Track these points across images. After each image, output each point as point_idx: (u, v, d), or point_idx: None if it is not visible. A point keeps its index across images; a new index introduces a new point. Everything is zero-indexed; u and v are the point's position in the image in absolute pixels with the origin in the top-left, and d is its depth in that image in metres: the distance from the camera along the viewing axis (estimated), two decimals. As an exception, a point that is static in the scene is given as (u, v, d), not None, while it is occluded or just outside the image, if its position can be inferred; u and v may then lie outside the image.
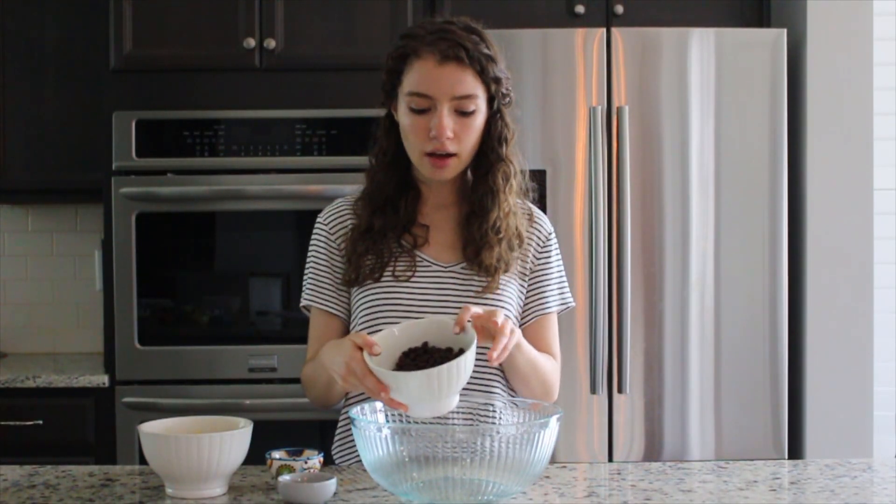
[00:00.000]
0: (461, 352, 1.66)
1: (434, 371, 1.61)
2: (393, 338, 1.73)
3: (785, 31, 3.22)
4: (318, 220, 2.03)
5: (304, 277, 2.01)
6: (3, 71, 3.60)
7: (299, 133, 3.34)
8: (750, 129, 3.21)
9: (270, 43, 3.37)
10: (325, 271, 1.99)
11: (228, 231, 3.40)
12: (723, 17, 3.44)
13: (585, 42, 3.19)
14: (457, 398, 1.69)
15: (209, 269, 3.48)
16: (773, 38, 3.21)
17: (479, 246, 1.93)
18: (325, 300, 1.99)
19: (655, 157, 3.20)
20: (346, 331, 2.00)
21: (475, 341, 1.67)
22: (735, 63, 3.20)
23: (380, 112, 3.23)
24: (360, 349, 1.66)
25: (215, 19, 3.39)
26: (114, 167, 3.32)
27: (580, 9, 3.43)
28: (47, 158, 3.60)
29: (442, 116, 1.84)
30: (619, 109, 3.17)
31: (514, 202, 1.95)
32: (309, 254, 2.02)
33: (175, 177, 3.32)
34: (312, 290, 2.00)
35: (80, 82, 3.58)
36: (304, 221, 3.33)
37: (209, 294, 3.41)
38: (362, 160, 3.25)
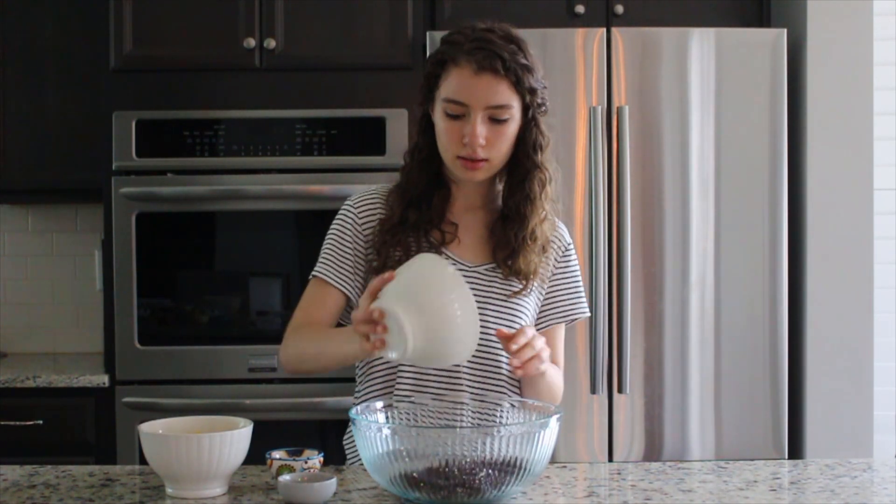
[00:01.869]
0: None
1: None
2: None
3: (785, 31, 3.22)
4: (348, 203, 2.03)
5: (322, 252, 2.01)
6: (3, 71, 3.60)
7: (299, 133, 3.34)
8: (750, 129, 3.21)
9: (270, 43, 3.37)
10: (345, 250, 1.99)
11: (228, 231, 3.40)
12: (723, 17, 3.44)
13: (585, 42, 3.19)
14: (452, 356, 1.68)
15: (209, 269, 3.48)
16: (773, 38, 3.21)
17: (514, 251, 1.96)
18: (340, 277, 1.98)
19: (655, 157, 3.20)
20: (342, 308, 2.01)
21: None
22: (735, 63, 3.20)
23: (378, 112, 3.26)
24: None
25: (215, 19, 3.39)
26: (114, 167, 3.32)
27: (580, 9, 3.43)
28: (47, 158, 3.60)
29: (475, 125, 1.86)
30: (619, 109, 3.17)
31: (548, 209, 1.99)
32: (331, 231, 2.02)
33: (175, 177, 3.32)
34: (326, 264, 1.99)
35: (80, 82, 3.58)
36: (304, 221, 3.34)
37: (209, 294, 3.41)
38: (362, 160, 3.29)
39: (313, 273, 2.00)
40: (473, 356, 1.89)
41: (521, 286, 1.97)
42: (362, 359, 1.80)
